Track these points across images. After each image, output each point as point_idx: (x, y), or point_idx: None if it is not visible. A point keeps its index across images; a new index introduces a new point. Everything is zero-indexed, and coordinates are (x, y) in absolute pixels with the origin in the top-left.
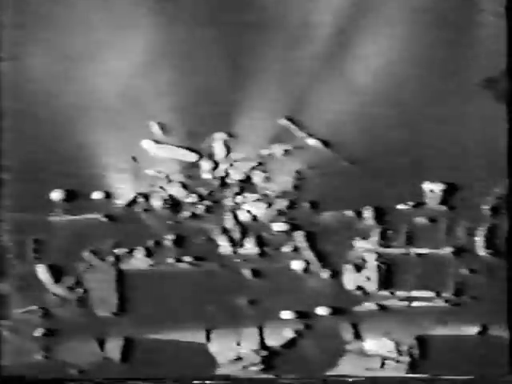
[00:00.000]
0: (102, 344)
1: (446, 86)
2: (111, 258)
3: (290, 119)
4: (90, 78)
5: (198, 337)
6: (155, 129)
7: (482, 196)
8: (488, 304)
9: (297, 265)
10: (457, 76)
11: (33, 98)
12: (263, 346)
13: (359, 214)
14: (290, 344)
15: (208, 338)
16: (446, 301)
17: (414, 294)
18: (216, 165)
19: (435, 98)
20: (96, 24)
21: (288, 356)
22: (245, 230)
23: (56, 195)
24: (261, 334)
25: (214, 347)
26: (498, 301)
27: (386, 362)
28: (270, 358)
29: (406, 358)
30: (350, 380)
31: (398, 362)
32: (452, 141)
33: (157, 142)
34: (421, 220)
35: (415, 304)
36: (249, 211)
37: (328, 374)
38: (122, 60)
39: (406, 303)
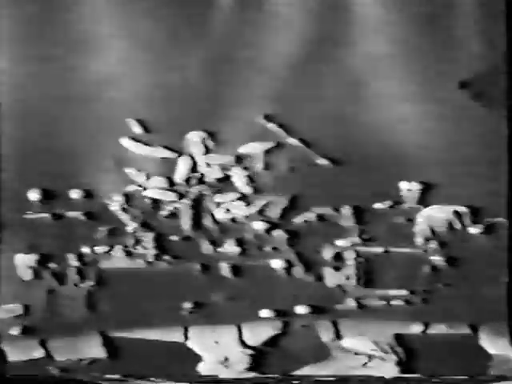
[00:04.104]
0: (82, 342)
1: (442, 85)
2: (91, 257)
3: (268, 118)
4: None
5: (176, 336)
6: (134, 127)
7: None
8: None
9: (276, 264)
10: (454, 75)
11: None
12: (242, 344)
13: (338, 213)
14: (269, 343)
15: (186, 337)
16: (424, 299)
17: (393, 292)
18: (194, 163)
19: (429, 98)
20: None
21: (267, 355)
22: (224, 229)
23: (33, 194)
24: (239, 333)
25: (192, 346)
26: (489, 300)
27: (367, 360)
28: (252, 357)
29: (390, 357)
30: (330, 379)
31: (383, 359)
32: (448, 142)
33: (136, 140)
34: (399, 219)
35: (394, 302)
36: (228, 210)
37: (309, 373)
38: (103, 59)
39: (384, 302)
